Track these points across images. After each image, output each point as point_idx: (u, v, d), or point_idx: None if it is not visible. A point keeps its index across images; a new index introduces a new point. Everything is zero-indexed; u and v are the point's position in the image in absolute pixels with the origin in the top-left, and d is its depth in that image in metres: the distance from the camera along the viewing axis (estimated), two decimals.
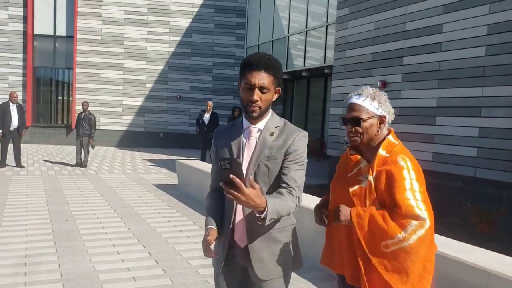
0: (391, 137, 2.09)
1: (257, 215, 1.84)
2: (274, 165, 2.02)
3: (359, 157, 2.13)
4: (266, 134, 2.07)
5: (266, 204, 1.79)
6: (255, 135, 2.08)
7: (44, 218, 6.34)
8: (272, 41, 16.11)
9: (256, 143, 2.06)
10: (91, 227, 5.98)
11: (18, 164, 11.22)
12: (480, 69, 7.00)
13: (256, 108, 2.01)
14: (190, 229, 6.06)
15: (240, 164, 1.74)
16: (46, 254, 4.78)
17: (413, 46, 8.26)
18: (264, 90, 2.00)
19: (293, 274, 2.25)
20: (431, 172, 7.67)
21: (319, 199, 2.30)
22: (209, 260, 4.58)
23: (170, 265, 4.62)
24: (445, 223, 6.48)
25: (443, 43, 7.63)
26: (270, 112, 2.12)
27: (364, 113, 2.04)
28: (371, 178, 2.01)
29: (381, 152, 2.04)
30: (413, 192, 1.92)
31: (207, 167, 8.29)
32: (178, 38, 18.74)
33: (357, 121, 2.04)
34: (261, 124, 2.09)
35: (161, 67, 18.72)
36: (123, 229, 5.95)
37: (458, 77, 7.34)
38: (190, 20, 18.73)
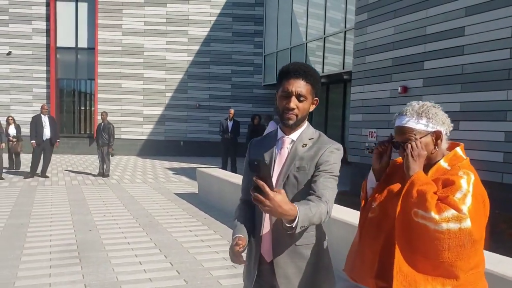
0: (459, 150, 1.88)
1: (286, 224, 1.68)
2: (303, 177, 1.95)
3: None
4: (299, 145, 2.01)
5: (297, 210, 1.65)
6: (287, 145, 2.03)
7: (68, 228, 6.40)
8: (290, 48, 16.10)
9: (288, 154, 2.01)
10: (114, 237, 6.02)
11: (43, 174, 11.42)
12: (505, 72, 6.85)
13: (292, 115, 1.96)
14: (211, 239, 6.05)
15: (267, 166, 1.63)
16: (70, 265, 4.82)
17: (434, 50, 8.14)
18: (301, 99, 1.95)
19: None
20: None
21: (343, 207, 2.18)
22: (231, 270, 4.56)
23: (192, 275, 4.60)
24: None
25: (466, 46, 7.50)
26: (306, 123, 2.06)
27: (412, 134, 1.86)
28: None
29: (442, 163, 1.85)
30: (464, 198, 1.69)
31: (227, 175, 8.28)
32: (197, 47, 18.89)
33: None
34: (294, 135, 2.03)
35: (180, 76, 18.87)
36: (145, 239, 5.97)
37: (482, 80, 7.20)
38: (208, 29, 18.87)
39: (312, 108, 2.03)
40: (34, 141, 11.23)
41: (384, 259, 1.89)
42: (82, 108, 19.32)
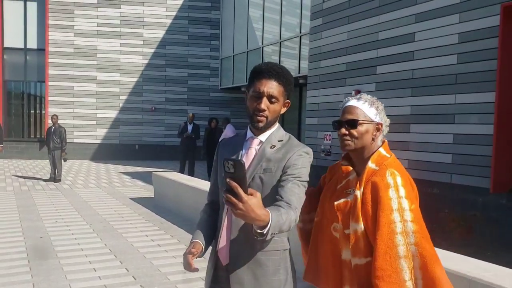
0: (382, 150, 1.94)
1: (256, 230, 1.59)
2: (269, 178, 1.88)
3: (350, 168, 1.98)
4: (267, 146, 1.94)
5: (270, 216, 1.57)
6: (255, 146, 1.97)
7: (17, 236, 6.15)
8: (247, 52, 16.16)
9: (255, 155, 1.94)
10: (66, 243, 5.83)
11: None
12: (452, 76, 7.13)
13: (262, 118, 1.90)
14: (168, 243, 5.96)
15: (244, 166, 1.51)
16: (20, 274, 4.63)
17: (386, 55, 8.38)
18: (273, 100, 1.90)
19: None
20: None
21: None
22: (189, 275, 4.51)
23: (148, 281, 4.52)
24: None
25: (416, 52, 7.76)
26: (277, 125, 2.01)
27: (361, 116, 1.90)
28: (358, 192, 1.86)
29: (370, 165, 1.89)
30: (401, 212, 1.77)
31: (184, 179, 8.20)
32: (152, 50, 18.64)
33: (354, 123, 1.89)
34: (263, 136, 1.97)
35: (135, 79, 18.56)
36: (99, 244, 5.82)
37: (431, 84, 7.47)
38: (164, 32, 18.66)
39: (283, 110, 1.99)
40: None
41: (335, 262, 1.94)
42: (32, 111, 18.64)
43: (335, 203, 1.91)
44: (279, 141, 1.97)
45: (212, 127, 12.67)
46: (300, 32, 12.96)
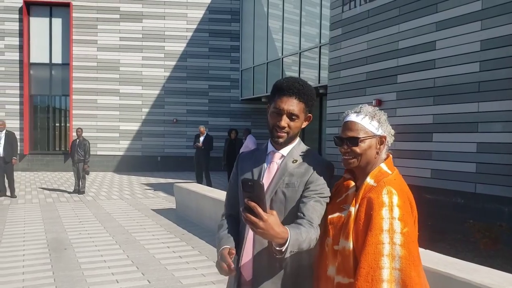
0: (384, 166, 1.86)
1: (276, 248, 1.61)
2: (292, 193, 1.90)
3: (352, 183, 1.91)
4: (289, 160, 1.96)
5: (289, 234, 1.60)
6: (277, 160, 1.98)
7: (42, 248, 6.26)
8: (267, 63, 16.23)
9: (277, 169, 1.96)
10: (90, 255, 5.91)
11: (12, 194, 10.96)
12: (475, 84, 7.03)
13: (283, 134, 1.93)
14: (189, 255, 5.98)
15: (263, 187, 1.55)
16: (44, 285, 4.70)
17: (407, 64, 8.31)
18: (293, 117, 1.91)
19: None
20: (430, 189, 7.65)
21: None
22: (209, 287, 4.51)
23: None
24: (447, 240, 6.44)
25: (437, 60, 7.69)
26: (298, 139, 2.03)
27: (362, 132, 1.83)
28: (352, 209, 1.78)
29: (369, 181, 1.81)
30: (391, 233, 1.68)
31: (205, 190, 8.24)
32: (173, 63, 18.87)
33: (354, 141, 1.82)
34: (285, 150, 1.98)
35: (157, 92, 18.79)
36: (122, 256, 5.88)
37: (454, 93, 7.37)
38: (184, 45, 18.88)
39: (305, 125, 2.00)
40: None
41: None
42: (57, 124, 19.01)
43: (329, 217, 1.87)
44: (300, 155, 1.98)
45: (232, 138, 12.74)
46: (320, 42, 12.96)
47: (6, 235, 6.97)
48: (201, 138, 12.98)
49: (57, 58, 18.54)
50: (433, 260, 3.32)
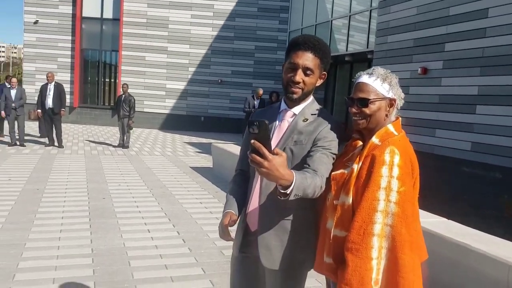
0: (391, 126, 1.88)
1: (280, 190, 1.62)
2: (299, 150, 1.92)
3: (360, 142, 1.94)
4: (300, 119, 1.97)
5: (293, 176, 1.61)
6: (288, 118, 2.00)
7: (82, 196, 6.60)
8: (316, 25, 15.92)
9: (288, 127, 1.98)
10: (126, 205, 6.19)
11: (59, 144, 11.48)
12: None
13: (297, 90, 1.93)
14: (219, 211, 6.16)
15: (268, 127, 1.55)
16: (80, 230, 4.99)
17: (456, 31, 7.96)
18: (308, 72, 1.91)
19: None
20: (468, 162, 7.44)
21: None
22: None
23: (196, 244, 4.72)
24: (481, 214, 6.31)
25: (488, 29, 7.31)
26: (311, 98, 2.02)
27: (372, 94, 1.85)
28: (355, 166, 1.83)
29: (374, 139, 1.85)
30: (388, 191, 1.73)
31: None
32: (222, 22, 18.82)
33: (365, 102, 1.85)
34: (297, 109, 2.00)
35: (204, 51, 18.88)
36: (156, 208, 6.12)
37: (503, 64, 7.02)
38: (234, 4, 18.75)
39: (319, 82, 1.99)
40: (39, 110, 11.40)
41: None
42: (106, 79, 19.56)
43: (332, 173, 1.90)
44: (312, 114, 1.99)
45: (273, 100, 12.71)
46: (371, 6, 12.55)
47: (50, 182, 7.38)
48: (256, 102, 12.59)
49: (108, 13, 18.86)
50: (452, 230, 3.30)
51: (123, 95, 12.22)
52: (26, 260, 4.04)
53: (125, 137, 12.24)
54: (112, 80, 19.48)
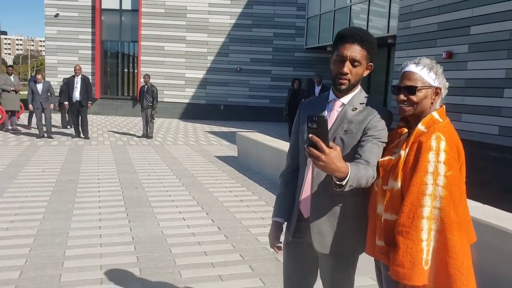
0: (436, 114, 1.95)
1: (336, 182, 1.73)
2: (349, 140, 1.99)
3: (406, 130, 2.01)
4: (349, 108, 2.03)
5: (349, 169, 1.70)
6: (337, 108, 2.06)
7: (115, 185, 6.77)
8: (334, 10, 15.82)
9: (337, 117, 2.04)
10: (159, 194, 6.34)
11: (86, 135, 11.69)
12: None
13: (345, 81, 1.99)
14: (249, 199, 6.27)
15: (326, 122, 1.65)
16: (119, 219, 5.15)
17: (482, 14, 7.87)
18: (356, 64, 1.98)
19: None
20: (496, 146, 7.42)
21: None
22: (268, 228, 4.77)
23: (231, 232, 4.84)
24: (511, 198, 6.31)
25: None
26: (359, 87, 2.08)
27: (419, 82, 1.93)
28: (402, 152, 1.90)
29: (420, 127, 1.92)
30: (435, 176, 1.81)
31: (266, 139, 8.44)
32: (239, 10, 18.81)
33: (412, 90, 1.93)
34: (346, 99, 2.06)
35: (222, 39, 18.92)
36: (188, 197, 6.26)
37: None
38: None
39: (366, 73, 2.06)
40: (66, 103, 11.73)
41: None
42: (126, 70, 19.75)
43: (380, 160, 1.98)
44: (360, 103, 2.06)
45: (295, 87, 12.72)
46: None
47: (82, 173, 7.57)
48: (317, 89, 12.08)
49: (127, 4, 18.97)
50: (489, 214, 3.35)
51: (145, 86, 12.36)
52: (72, 248, 4.21)
53: (148, 127, 12.42)
54: (132, 71, 19.67)
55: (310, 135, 1.62)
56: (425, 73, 1.95)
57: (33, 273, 3.64)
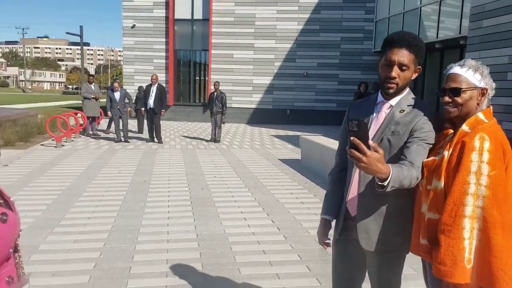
0: (481, 114, 1.97)
1: (378, 182, 1.77)
2: (396, 141, 2.02)
3: (451, 131, 2.03)
4: (396, 110, 2.07)
5: (390, 170, 1.74)
6: (385, 110, 2.10)
7: (183, 186, 7.13)
8: (403, 13, 15.51)
9: (385, 118, 2.08)
10: (223, 195, 6.61)
11: (159, 140, 12.35)
12: None
13: (393, 85, 2.03)
14: (310, 202, 6.37)
15: (366, 125, 1.70)
16: (185, 217, 5.46)
17: None
18: (404, 68, 2.01)
19: None
20: None
21: None
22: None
23: (291, 232, 4.98)
24: None
25: None
26: (407, 90, 2.11)
27: (464, 84, 1.95)
28: (446, 152, 1.93)
29: (464, 127, 1.94)
30: (478, 175, 1.84)
31: (329, 142, 8.48)
32: (307, 15, 18.93)
33: (456, 91, 1.95)
34: (394, 101, 2.09)
35: (289, 45, 19.13)
36: (250, 198, 6.48)
37: None
38: None
39: (414, 76, 2.10)
40: (143, 109, 12.68)
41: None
42: (197, 78, 20.49)
43: (424, 160, 2.01)
44: (408, 105, 2.10)
45: (361, 91, 12.62)
46: None
47: (154, 174, 8.03)
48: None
49: (198, 14, 19.70)
50: None
51: (215, 93, 12.80)
52: (142, 243, 4.54)
53: (216, 132, 12.85)
54: (202, 78, 20.35)
55: (352, 138, 1.70)
56: (470, 74, 1.97)
57: (106, 265, 3.99)
